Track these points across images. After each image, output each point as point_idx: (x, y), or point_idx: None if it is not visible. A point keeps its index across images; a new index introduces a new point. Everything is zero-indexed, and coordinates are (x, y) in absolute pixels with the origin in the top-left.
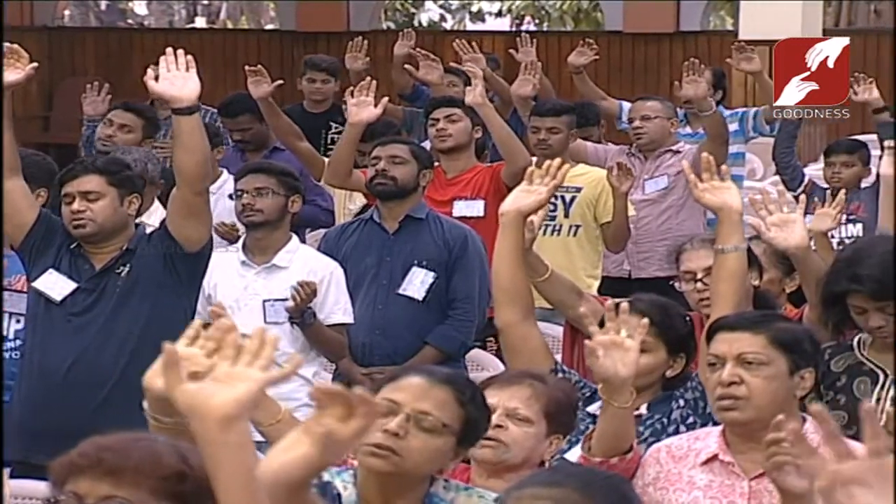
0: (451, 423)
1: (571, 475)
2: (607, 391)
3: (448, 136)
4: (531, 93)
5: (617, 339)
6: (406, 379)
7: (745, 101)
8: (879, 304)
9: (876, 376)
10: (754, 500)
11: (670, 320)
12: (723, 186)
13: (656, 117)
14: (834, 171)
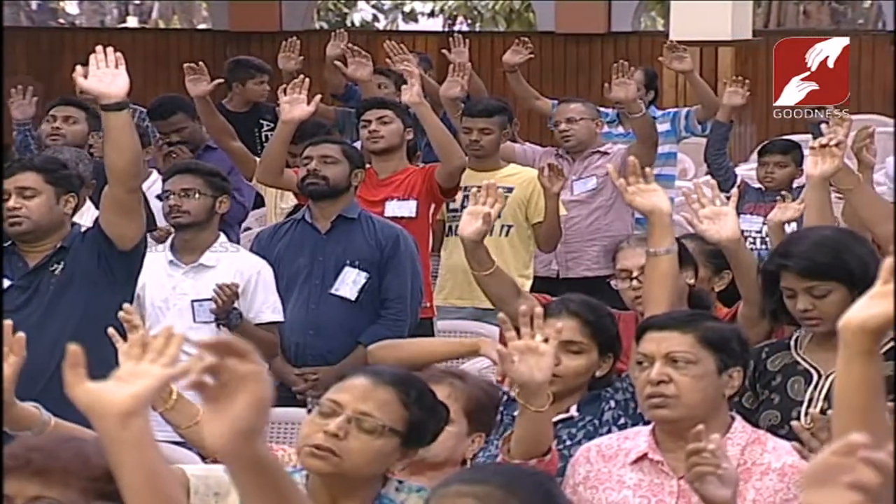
0: (393, 425)
1: (496, 473)
2: (524, 395)
3: (380, 138)
4: (459, 94)
5: (532, 344)
6: (351, 380)
7: (677, 102)
8: (807, 284)
9: (810, 376)
10: (683, 499)
11: (601, 320)
12: (650, 189)
13: (581, 119)
14: (767, 171)
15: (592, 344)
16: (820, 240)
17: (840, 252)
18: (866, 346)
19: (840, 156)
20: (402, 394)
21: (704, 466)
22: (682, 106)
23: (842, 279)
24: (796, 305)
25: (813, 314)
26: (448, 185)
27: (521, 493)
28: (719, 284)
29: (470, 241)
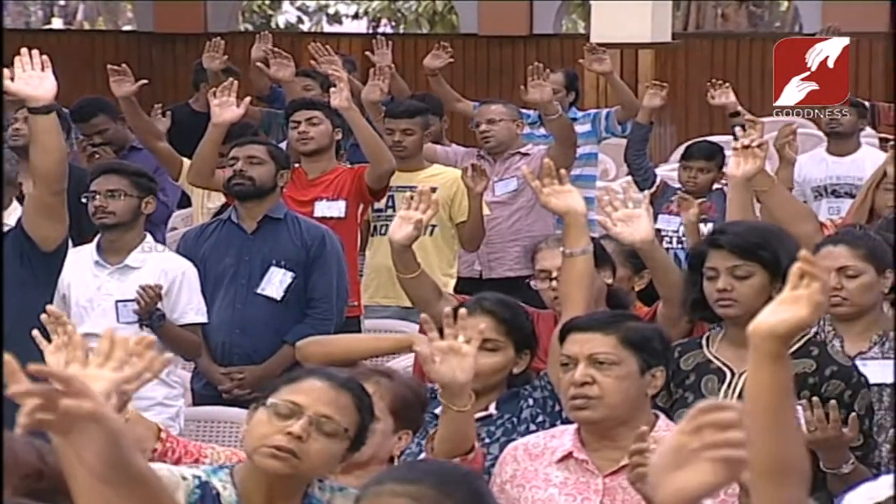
0: (350, 428)
1: (428, 472)
2: (446, 395)
3: (310, 139)
4: (380, 98)
5: (455, 345)
6: (307, 381)
7: (598, 103)
8: (733, 263)
9: (723, 374)
10: (608, 497)
11: (517, 318)
12: (565, 190)
13: (501, 120)
14: (690, 176)
15: (508, 341)
16: (755, 225)
17: (771, 238)
18: (775, 351)
19: (762, 156)
20: (357, 399)
21: (645, 467)
22: (602, 107)
23: (766, 264)
24: (716, 286)
25: (730, 296)
26: (377, 186)
27: (454, 493)
28: (639, 284)
29: (399, 245)
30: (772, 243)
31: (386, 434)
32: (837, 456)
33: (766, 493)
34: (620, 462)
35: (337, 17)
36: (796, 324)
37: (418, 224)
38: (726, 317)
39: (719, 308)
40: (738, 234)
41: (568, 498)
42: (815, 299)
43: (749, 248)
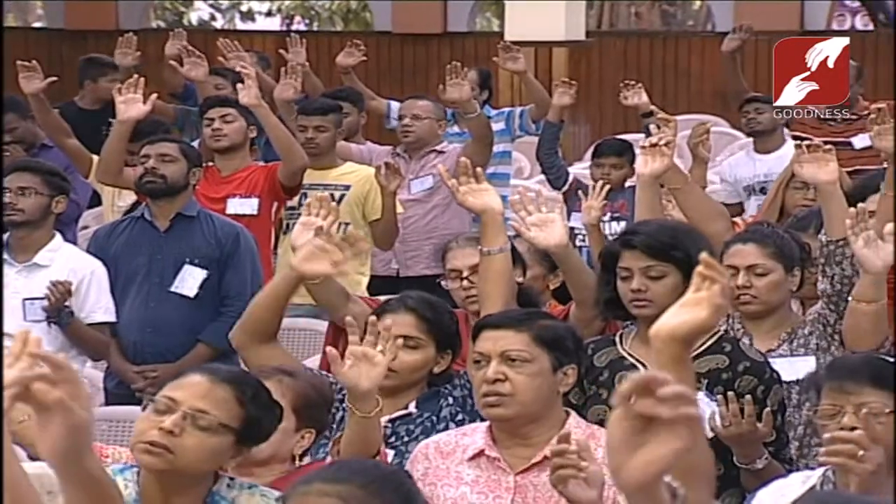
0: (229, 423)
1: (357, 471)
2: (351, 399)
3: (223, 136)
4: (293, 97)
5: (369, 353)
6: (188, 377)
7: (512, 101)
8: (646, 263)
9: (636, 369)
10: (519, 495)
11: (439, 317)
12: (481, 189)
13: (427, 117)
14: (603, 173)
15: (429, 340)
16: (666, 224)
17: (683, 237)
18: (677, 354)
19: (669, 155)
20: (238, 392)
21: (567, 469)
22: (516, 105)
23: (679, 264)
24: (630, 286)
25: (644, 296)
26: (290, 183)
27: (382, 493)
28: (554, 282)
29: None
30: (684, 243)
31: (287, 432)
32: (752, 451)
33: (666, 491)
34: (532, 459)
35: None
36: (697, 326)
37: (319, 230)
38: (641, 317)
39: (634, 308)
40: (650, 234)
41: (479, 496)
42: (716, 302)
43: (662, 248)
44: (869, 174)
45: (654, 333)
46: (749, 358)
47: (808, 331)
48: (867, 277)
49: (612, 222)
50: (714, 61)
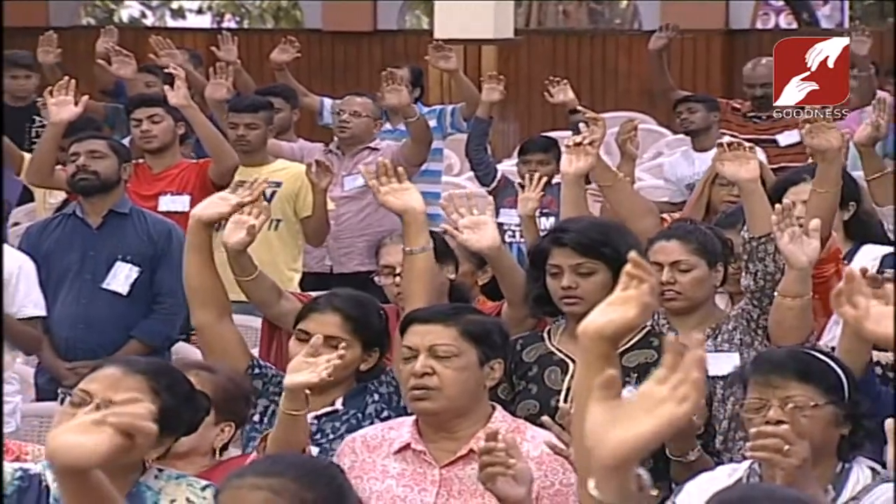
0: None
1: (290, 465)
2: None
3: (153, 137)
4: (225, 96)
5: (310, 358)
6: (102, 370)
7: (442, 99)
8: (576, 261)
9: (566, 365)
10: (444, 488)
11: (366, 316)
12: (403, 188)
13: (365, 115)
14: (530, 170)
15: (355, 339)
16: (596, 221)
17: (612, 235)
18: (604, 351)
19: (594, 154)
20: (152, 382)
21: (496, 466)
22: (447, 103)
23: (609, 261)
24: (560, 284)
25: (575, 293)
26: (221, 182)
27: (314, 486)
28: (483, 278)
29: (233, 250)
30: (614, 240)
31: (207, 426)
32: (685, 444)
33: (603, 486)
34: (458, 453)
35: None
36: (624, 325)
37: (251, 230)
38: (572, 314)
39: (565, 305)
40: (580, 231)
41: (405, 489)
42: (644, 300)
43: (591, 245)
44: (790, 171)
45: (581, 331)
46: None
47: (732, 326)
48: (792, 273)
49: (542, 218)
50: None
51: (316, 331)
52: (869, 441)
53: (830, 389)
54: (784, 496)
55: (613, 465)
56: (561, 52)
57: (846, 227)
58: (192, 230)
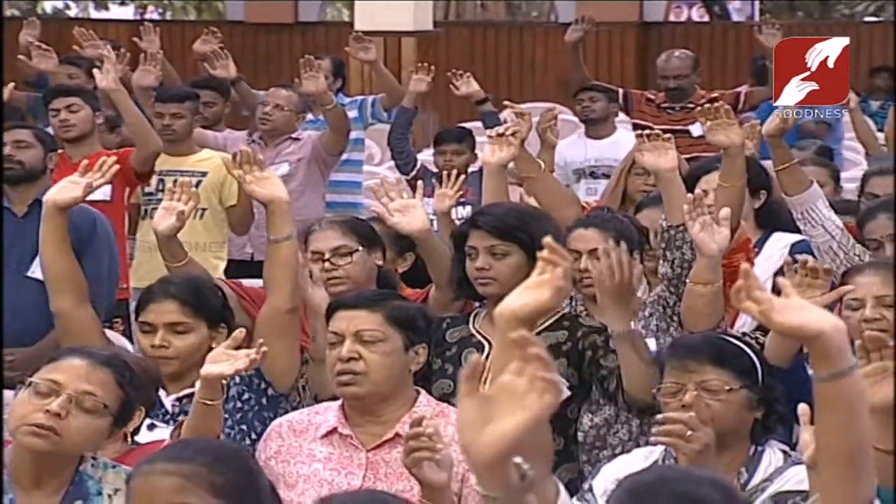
0: (111, 404)
1: (200, 450)
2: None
3: (72, 127)
4: (153, 83)
5: (228, 351)
6: (66, 360)
7: (363, 89)
8: (491, 242)
9: (482, 346)
10: (371, 471)
11: (202, 297)
12: (266, 178)
13: (288, 109)
14: (446, 160)
15: (198, 321)
16: (514, 207)
17: (528, 220)
18: None
19: (516, 145)
20: (118, 374)
21: (422, 452)
22: (367, 93)
23: (523, 244)
24: (475, 264)
25: (489, 274)
26: (143, 169)
27: (225, 471)
28: (402, 265)
29: (163, 236)
30: (529, 225)
31: None
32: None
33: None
34: (383, 437)
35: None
36: (538, 308)
37: (180, 216)
38: (486, 294)
39: (479, 286)
40: (496, 215)
41: (332, 472)
42: (557, 284)
43: (506, 228)
44: (702, 160)
45: (497, 313)
46: (587, 325)
47: (649, 312)
48: (703, 260)
49: (458, 207)
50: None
51: (157, 321)
52: (781, 425)
53: (744, 374)
54: (699, 477)
55: (491, 462)
56: (479, 44)
57: (757, 216)
58: (46, 216)
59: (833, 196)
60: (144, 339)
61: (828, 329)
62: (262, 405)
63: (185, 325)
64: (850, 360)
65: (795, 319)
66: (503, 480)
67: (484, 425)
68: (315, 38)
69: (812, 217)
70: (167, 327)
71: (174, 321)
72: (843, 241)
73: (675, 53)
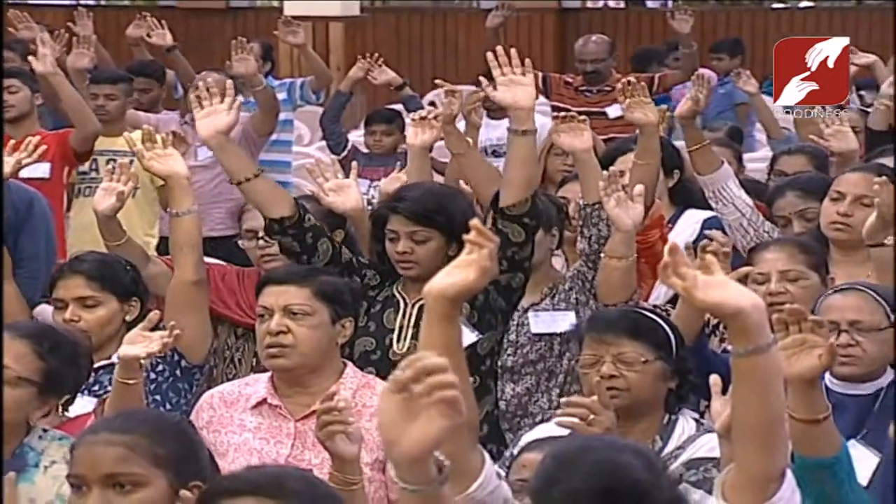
0: (28, 376)
1: (142, 421)
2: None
3: (10, 107)
4: (88, 65)
5: (145, 333)
6: None
7: (292, 72)
8: (411, 228)
9: (398, 305)
10: (299, 440)
11: (110, 272)
12: (166, 154)
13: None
14: (375, 140)
15: (107, 294)
16: (432, 189)
17: (446, 203)
18: (446, 311)
19: (438, 127)
20: (36, 345)
21: (335, 425)
22: (296, 77)
23: (442, 229)
24: (396, 248)
25: (410, 258)
26: (82, 149)
27: (166, 442)
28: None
29: (103, 216)
30: (447, 208)
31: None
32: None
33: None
34: (311, 407)
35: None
36: (465, 287)
37: (120, 195)
38: (408, 276)
39: (401, 269)
40: (415, 200)
41: (262, 441)
42: (483, 265)
43: (426, 214)
44: (618, 141)
45: (426, 292)
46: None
47: (569, 286)
48: (618, 235)
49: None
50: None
51: (66, 296)
52: (694, 394)
53: (659, 346)
54: (622, 445)
55: (413, 459)
56: (405, 29)
57: (671, 194)
58: None
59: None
60: (58, 314)
61: (747, 306)
62: (177, 376)
63: (93, 298)
64: (768, 336)
65: (716, 296)
66: (424, 475)
67: (408, 423)
68: (245, 23)
69: (723, 195)
70: (76, 302)
71: (82, 295)
72: (753, 219)
73: (591, 38)
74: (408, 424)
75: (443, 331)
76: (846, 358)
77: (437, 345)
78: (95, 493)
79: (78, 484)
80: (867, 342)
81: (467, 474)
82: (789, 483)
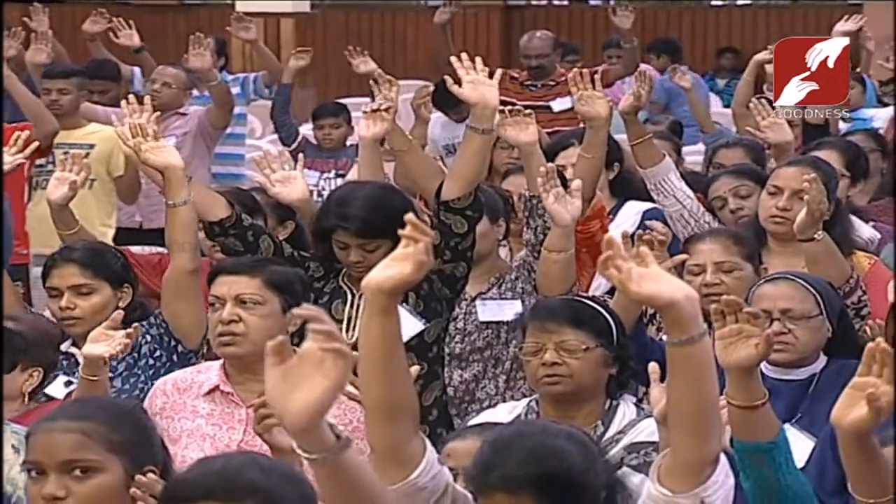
0: None
1: (98, 408)
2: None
3: None
4: (45, 60)
5: (108, 333)
6: None
7: (245, 67)
8: (360, 242)
9: (346, 296)
10: (251, 426)
11: (102, 260)
12: (160, 146)
13: (175, 87)
14: (325, 133)
15: (100, 282)
16: (370, 198)
17: (390, 212)
18: (384, 304)
19: (390, 119)
20: None
21: (271, 419)
22: (249, 71)
23: (392, 234)
24: (349, 257)
25: (364, 265)
26: (43, 144)
27: (122, 429)
28: (283, 233)
29: (56, 205)
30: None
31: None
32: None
33: (378, 429)
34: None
35: None
36: (402, 280)
37: (73, 186)
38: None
39: (355, 273)
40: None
41: (214, 427)
42: (419, 258)
43: (374, 229)
44: (560, 135)
45: (364, 285)
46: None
47: (515, 276)
48: (557, 230)
49: (338, 179)
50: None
51: (60, 284)
52: (634, 380)
53: (600, 333)
54: (556, 430)
55: (304, 427)
56: (354, 25)
57: (611, 186)
58: None
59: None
60: (53, 303)
61: (680, 298)
62: (174, 361)
63: (87, 286)
64: (701, 326)
65: (651, 289)
66: (319, 443)
67: (292, 394)
68: (199, 19)
69: (665, 188)
70: (71, 290)
71: (76, 283)
72: (694, 210)
73: (536, 34)
74: (292, 393)
75: (381, 323)
76: (780, 345)
77: (377, 336)
78: (52, 479)
79: (35, 470)
80: (799, 329)
81: (409, 461)
82: (723, 467)
